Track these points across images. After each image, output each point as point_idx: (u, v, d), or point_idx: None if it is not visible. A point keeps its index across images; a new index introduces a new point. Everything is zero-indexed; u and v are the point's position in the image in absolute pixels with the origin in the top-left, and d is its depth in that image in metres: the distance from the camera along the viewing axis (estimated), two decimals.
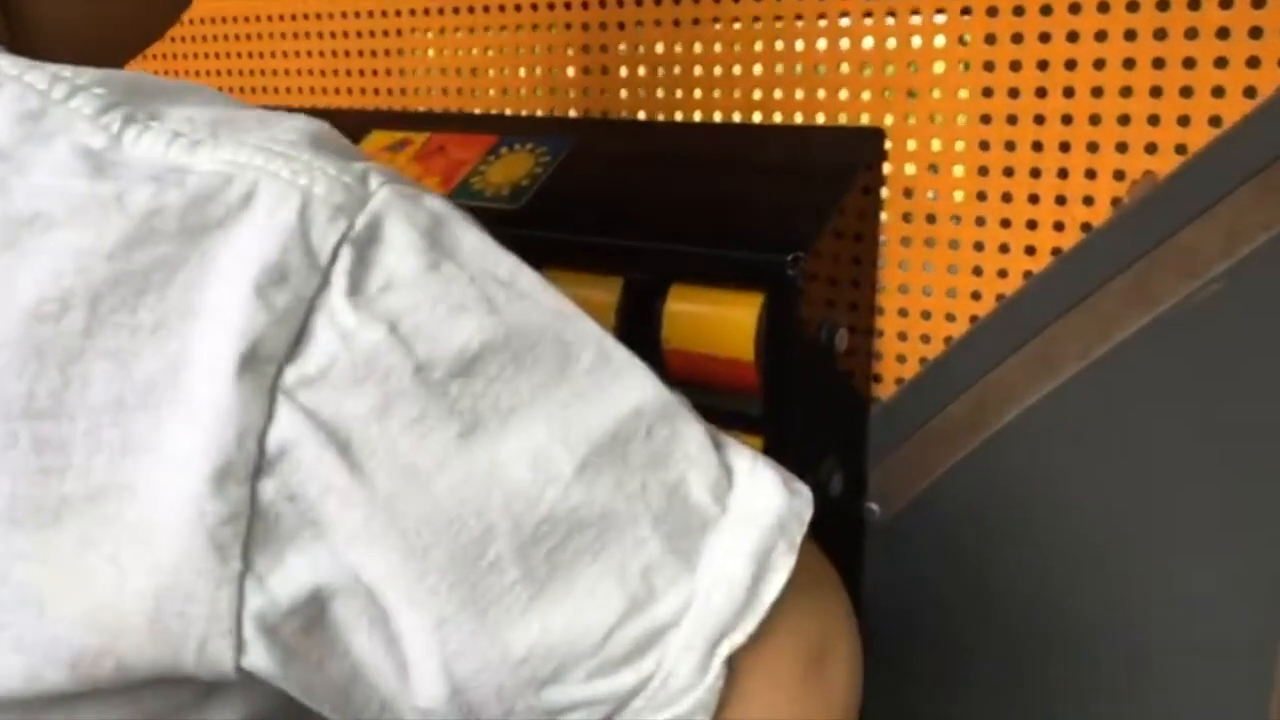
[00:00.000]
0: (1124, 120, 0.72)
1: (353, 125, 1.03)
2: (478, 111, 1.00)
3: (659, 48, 0.88)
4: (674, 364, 0.80)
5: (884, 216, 0.81)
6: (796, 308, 0.73)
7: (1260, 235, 0.69)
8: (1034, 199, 0.76)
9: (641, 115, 0.91)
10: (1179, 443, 0.74)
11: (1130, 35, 0.70)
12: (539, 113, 0.97)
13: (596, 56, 0.92)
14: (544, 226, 0.85)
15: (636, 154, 0.87)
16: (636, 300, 0.80)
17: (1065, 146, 0.74)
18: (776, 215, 0.77)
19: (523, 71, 0.97)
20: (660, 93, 0.90)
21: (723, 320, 0.77)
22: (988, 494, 0.82)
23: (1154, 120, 0.71)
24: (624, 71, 0.91)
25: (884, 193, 0.81)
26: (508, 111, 0.99)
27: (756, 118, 0.85)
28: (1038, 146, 0.75)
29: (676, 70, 0.88)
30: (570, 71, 0.95)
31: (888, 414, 0.84)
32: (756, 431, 0.78)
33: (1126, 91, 0.71)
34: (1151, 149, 0.71)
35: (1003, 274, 0.78)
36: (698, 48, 0.87)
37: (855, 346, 0.81)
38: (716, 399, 0.79)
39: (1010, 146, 0.76)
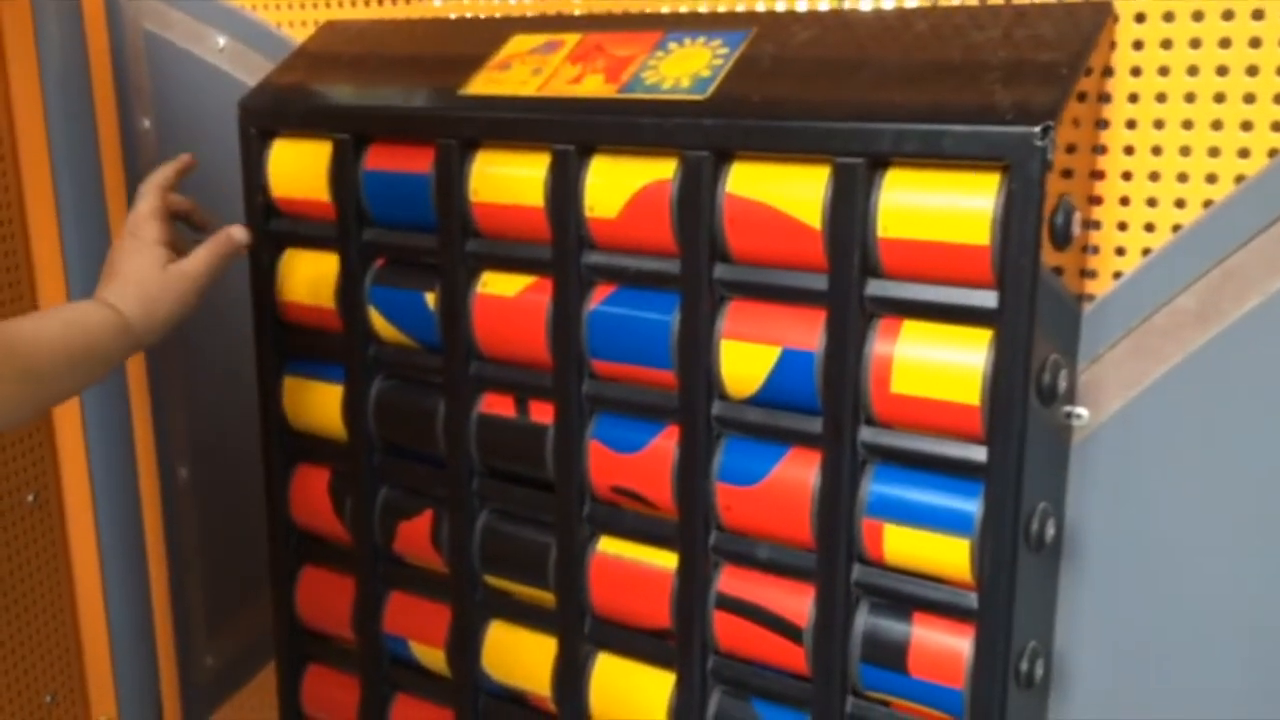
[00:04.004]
0: None
1: (492, 31, 0.98)
2: (635, 10, 0.95)
3: None
4: (890, 255, 0.75)
5: (1108, 98, 0.77)
6: (1043, 186, 0.69)
7: None
8: None
9: (824, 5, 0.86)
10: None
11: None
12: (703, 9, 0.92)
13: None
14: (737, 114, 0.80)
15: (831, 41, 0.82)
16: (846, 186, 0.75)
17: None
18: (1005, 91, 0.72)
19: None
20: None
21: (955, 203, 0.72)
22: (1215, 396, 0.77)
23: None
24: None
25: (1109, 72, 0.76)
26: (665, 9, 0.94)
27: None
28: None
29: None
30: None
31: (1102, 311, 0.80)
32: (988, 324, 0.73)
33: None
34: None
35: (1243, 154, 0.73)
36: None
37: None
38: (941, 291, 0.75)
39: (1258, 15, 0.71)
